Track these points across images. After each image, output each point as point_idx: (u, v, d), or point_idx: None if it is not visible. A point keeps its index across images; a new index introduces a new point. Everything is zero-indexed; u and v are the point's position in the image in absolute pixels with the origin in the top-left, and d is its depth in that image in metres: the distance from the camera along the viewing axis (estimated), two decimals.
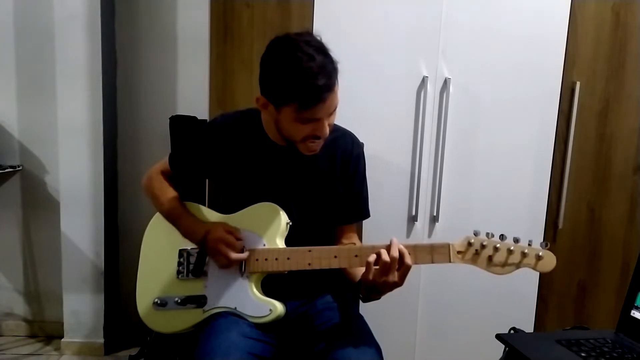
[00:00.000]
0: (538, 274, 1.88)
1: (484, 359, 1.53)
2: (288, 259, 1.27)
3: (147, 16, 2.29)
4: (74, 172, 2.22)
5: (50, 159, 2.35)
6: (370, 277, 1.17)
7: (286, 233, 1.32)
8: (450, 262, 1.17)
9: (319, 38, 1.23)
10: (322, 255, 1.25)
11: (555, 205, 1.85)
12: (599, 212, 1.87)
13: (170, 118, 2.16)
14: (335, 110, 1.25)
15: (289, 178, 1.37)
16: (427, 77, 1.79)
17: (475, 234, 1.16)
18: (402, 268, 1.16)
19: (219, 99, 1.80)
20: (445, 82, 1.79)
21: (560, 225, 1.85)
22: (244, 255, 1.28)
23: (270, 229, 1.31)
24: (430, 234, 1.86)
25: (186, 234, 1.37)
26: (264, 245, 1.30)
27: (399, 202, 1.85)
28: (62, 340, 2.34)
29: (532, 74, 1.79)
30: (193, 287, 1.34)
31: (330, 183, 1.40)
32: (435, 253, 1.19)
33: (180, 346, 1.44)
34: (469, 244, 1.16)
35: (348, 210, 1.45)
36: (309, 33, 1.24)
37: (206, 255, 1.34)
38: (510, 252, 1.14)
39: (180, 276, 1.36)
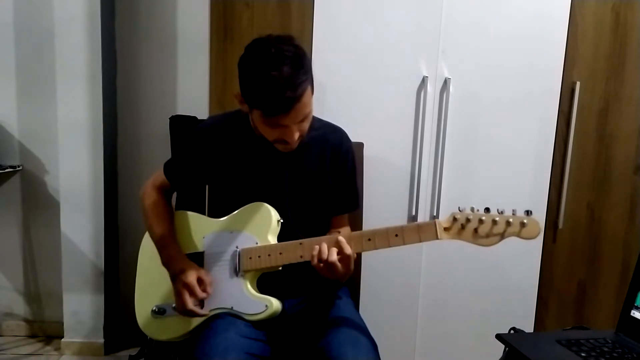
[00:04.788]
0: (538, 273, 1.88)
1: (484, 359, 1.53)
2: (280, 253, 1.28)
3: (147, 16, 2.28)
4: (74, 172, 2.22)
5: (50, 159, 2.35)
6: (321, 273, 1.24)
7: (278, 230, 1.33)
8: (437, 238, 1.19)
9: (296, 44, 1.22)
10: (314, 247, 1.25)
11: (555, 205, 1.85)
12: (599, 212, 1.87)
13: (170, 118, 2.16)
14: (306, 117, 1.25)
15: (281, 176, 1.38)
16: (427, 77, 1.79)
17: (460, 209, 1.18)
18: (345, 259, 1.22)
19: (219, 99, 1.80)
20: (445, 82, 1.79)
21: (560, 225, 1.85)
22: (200, 311, 1.29)
23: (261, 228, 1.32)
24: None
25: (165, 264, 1.36)
26: (257, 243, 1.31)
27: (399, 202, 1.85)
28: (62, 340, 2.34)
29: (532, 74, 1.79)
30: None
31: (321, 178, 1.41)
32: (422, 232, 1.20)
33: (180, 346, 1.44)
34: (454, 219, 1.18)
35: (339, 202, 1.47)
36: (289, 38, 1.23)
37: (202, 261, 1.36)
38: (494, 222, 1.15)
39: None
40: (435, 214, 1.84)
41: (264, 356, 1.27)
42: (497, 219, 1.15)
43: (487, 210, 1.16)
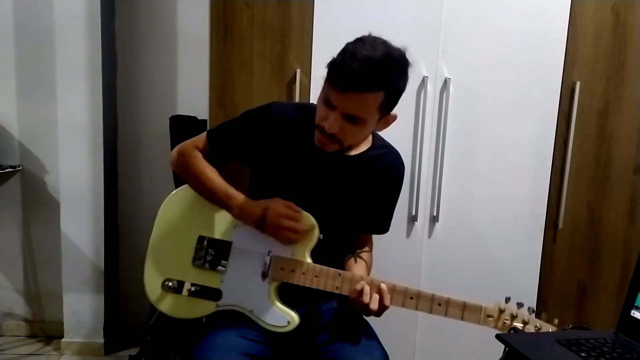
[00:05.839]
0: (538, 273, 1.88)
1: (484, 359, 1.53)
2: (316, 277, 1.26)
3: (147, 16, 2.29)
4: (74, 172, 2.22)
5: (50, 159, 2.35)
6: (352, 304, 1.25)
7: (314, 246, 1.29)
8: (479, 324, 1.22)
9: (405, 62, 1.22)
10: (353, 282, 1.24)
11: (555, 205, 1.85)
12: (599, 212, 1.87)
13: (170, 118, 2.17)
14: (358, 118, 1.21)
15: (327, 186, 1.35)
16: (427, 77, 1.79)
17: (507, 300, 1.22)
18: (381, 307, 1.22)
19: (219, 98, 1.80)
20: (445, 82, 1.79)
21: (560, 225, 1.85)
22: (307, 227, 1.27)
23: (302, 241, 1.28)
24: (430, 234, 1.86)
25: (240, 215, 1.30)
26: (291, 255, 1.28)
27: (399, 202, 1.84)
28: (62, 340, 2.34)
29: (532, 74, 1.79)
30: (208, 278, 1.32)
31: (364, 195, 1.38)
32: (467, 311, 1.23)
33: (179, 346, 1.44)
34: (500, 311, 1.21)
35: (373, 223, 1.45)
36: (402, 53, 1.23)
37: (228, 252, 1.32)
38: (537, 329, 1.19)
39: (196, 263, 1.33)
40: (435, 214, 1.84)
41: (264, 356, 1.26)
42: (538, 325, 1.20)
43: (530, 310, 1.21)
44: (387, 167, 1.40)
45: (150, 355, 1.98)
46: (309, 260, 1.28)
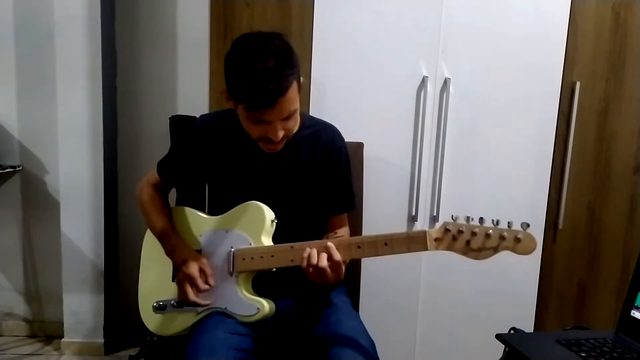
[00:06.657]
0: (538, 273, 1.88)
1: (484, 359, 1.53)
2: (272, 256, 1.27)
3: (147, 16, 2.28)
4: (74, 172, 2.22)
5: (50, 159, 2.35)
6: (310, 278, 1.23)
7: (272, 230, 1.32)
8: (427, 249, 1.14)
9: (285, 40, 1.23)
10: (304, 249, 1.24)
11: (555, 205, 1.85)
12: (599, 212, 1.87)
13: (170, 118, 2.16)
14: (292, 115, 1.24)
15: (271, 174, 1.38)
16: (427, 77, 1.79)
17: (454, 218, 1.12)
18: (334, 265, 1.20)
19: (219, 99, 1.80)
20: (445, 82, 1.79)
21: (560, 225, 1.85)
22: (202, 302, 1.30)
23: (255, 228, 1.31)
24: None
25: (169, 255, 1.38)
26: (250, 244, 1.30)
27: (399, 202, 1.85)
28: (62, 340, 2.34)
29: (532, 74, 1.79)
30: None
31: (312, 176, 1.40)
32: (412, 242, 1.16)
33: (179, 346, 1.44)
34: (446, 230, 1.12)
35: (333, 202, 1.45)
36: (277, 34, 1.23)
37: None
38: (487, 236, 1.08)
39: (175, 280, 1.37)
40: (435, 214, 1.84)
41: (254, 350, 1.27)
42: (490, 232, 1.08)
43: (481, 220, 1.09)
44: (322, 143, 1.41)
45: (150, 355, 1.98)
46: (266, 244, 1.30)
